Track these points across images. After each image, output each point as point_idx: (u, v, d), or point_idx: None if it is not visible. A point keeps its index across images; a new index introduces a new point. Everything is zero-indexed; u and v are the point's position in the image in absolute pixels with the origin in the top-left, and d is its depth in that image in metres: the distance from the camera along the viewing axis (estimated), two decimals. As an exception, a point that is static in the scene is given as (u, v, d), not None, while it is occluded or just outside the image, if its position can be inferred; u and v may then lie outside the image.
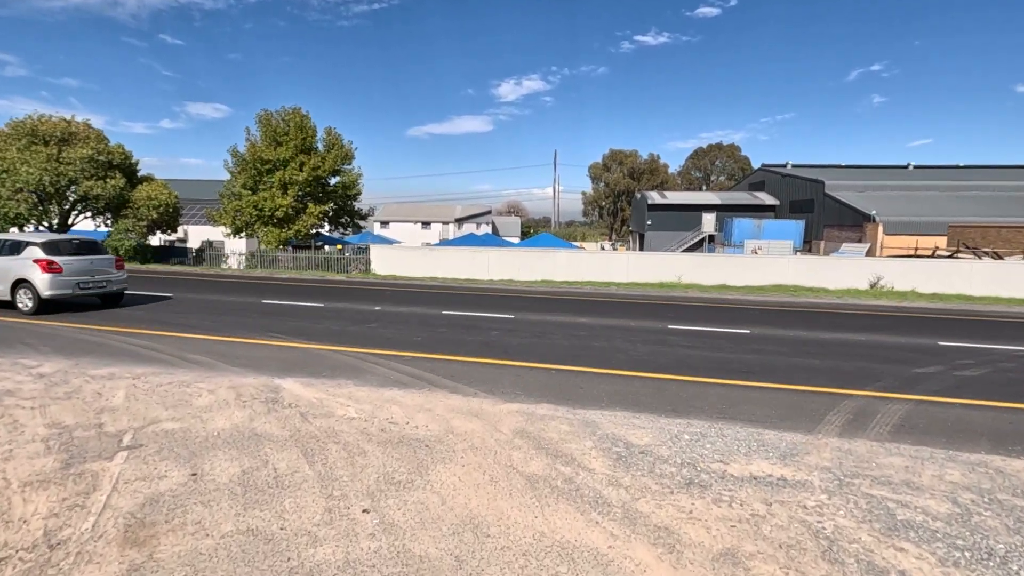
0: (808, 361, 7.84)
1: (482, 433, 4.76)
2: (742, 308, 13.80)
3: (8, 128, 23.61)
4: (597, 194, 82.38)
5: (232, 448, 4.34)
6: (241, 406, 5.41)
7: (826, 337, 9.73)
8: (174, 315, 10.62)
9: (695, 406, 5.70)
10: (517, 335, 9.28)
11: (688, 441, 4.67)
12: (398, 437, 4.64)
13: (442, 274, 21.83)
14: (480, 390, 6.13)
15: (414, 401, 5.64)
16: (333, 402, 5.58)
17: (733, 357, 7.96)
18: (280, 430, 4.76)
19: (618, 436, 4.75)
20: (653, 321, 11.09)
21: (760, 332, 10.09)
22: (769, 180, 54.12)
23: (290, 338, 8.64)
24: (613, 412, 5.45)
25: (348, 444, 4.47)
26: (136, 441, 4.48)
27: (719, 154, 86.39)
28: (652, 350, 8.28)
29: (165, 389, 5.92)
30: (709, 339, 9.27)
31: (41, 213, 23.89)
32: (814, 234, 44.22)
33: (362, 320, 10.51)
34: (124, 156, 26.17)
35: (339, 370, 6.85)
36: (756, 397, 6.07)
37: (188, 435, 4.63)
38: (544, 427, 4.95)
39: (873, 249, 36.69)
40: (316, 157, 26.95)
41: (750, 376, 6.93)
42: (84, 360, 7.08)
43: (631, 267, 20.78)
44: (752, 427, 5.11)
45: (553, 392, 6.11)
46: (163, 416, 5.11)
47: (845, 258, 21.15)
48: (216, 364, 7.00)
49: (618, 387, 6.36)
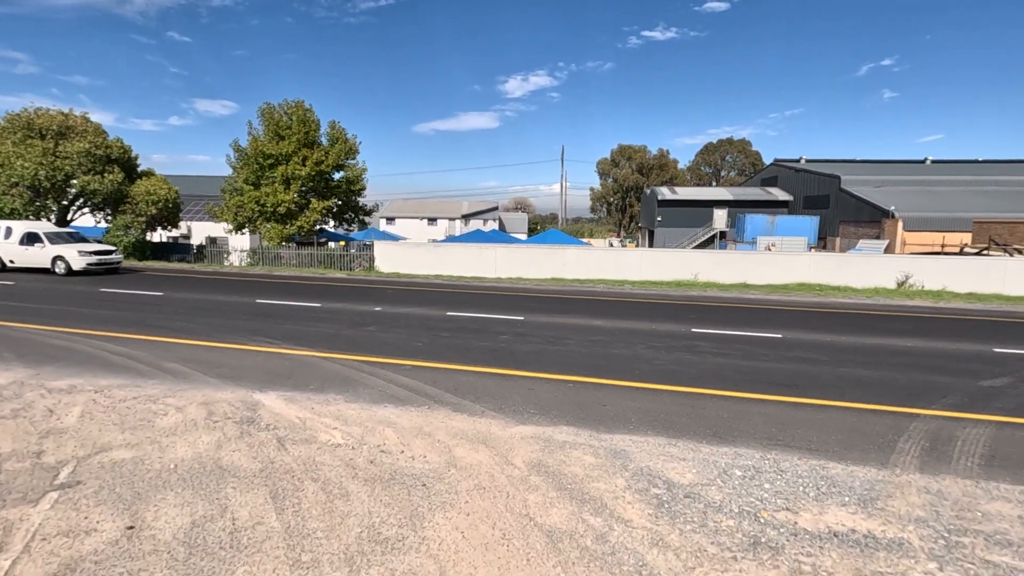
0: (856, 372, 6.98)
1: (491, 467, 3.96)
2: (768, 309, 12.91)
3: (4, 121, 23.01)
4: (605, 190, 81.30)
5: (187, 488, 3.57)
6: (210, 428, 4.64)
7: (868, 342, 8.85)
8: (159, 316, 9.90)
9: (739, 429, 4.87)
10: (528, 340, 8.47)
11: (741, 479, 3.85)
12: (390, 472, 3.85)
13: (448, 271, 21.05)
14: (488, 408, 5.33)
15: (411, 422, 4.85)
16: (318, 423, 4.80)
17: (770, 367, 7.11)
18: (250, 461, 3.99)
19: (655, 472, 3.93)
20: (675, 324, 10.24)
21: (794, 336, 9.22)
22: (782, 175, 52.89)
23: (279, 343, 7.88)
24: (644, 437, 4.63)
25: (329, 482, 3.68)
26: (74, 477, 3.72)
27: (730, 149, 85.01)
28: (679, 358, 7.44)
29: (128, 406, 5.17)
30: (740, 345, 8.41)
31: (38, 208, 23.30)
32: (829, 230, 43.05)
33: (360, 323, 9.73)
34: (123, 150, 25.53)
35: (329, 382, 6.07)
36: (807, 418, 5.23)
37: (139, 468, 3.86)
38: (565, 458, 4.14)
39: (892, 246, 35.54)
40: (319, 151, 26.22)
41: (794, 390, 6.08)
42: (47, 369, 6.35)
43: (645, 264, 19.89)
44: (812, 458, 4.28)
45: (572, 411, 5.30)
46: (117, 441, 4.35)
47: (870, 255, 20.15)
48: (192, 374, 6.24)
49: (646, 404, 5.54)
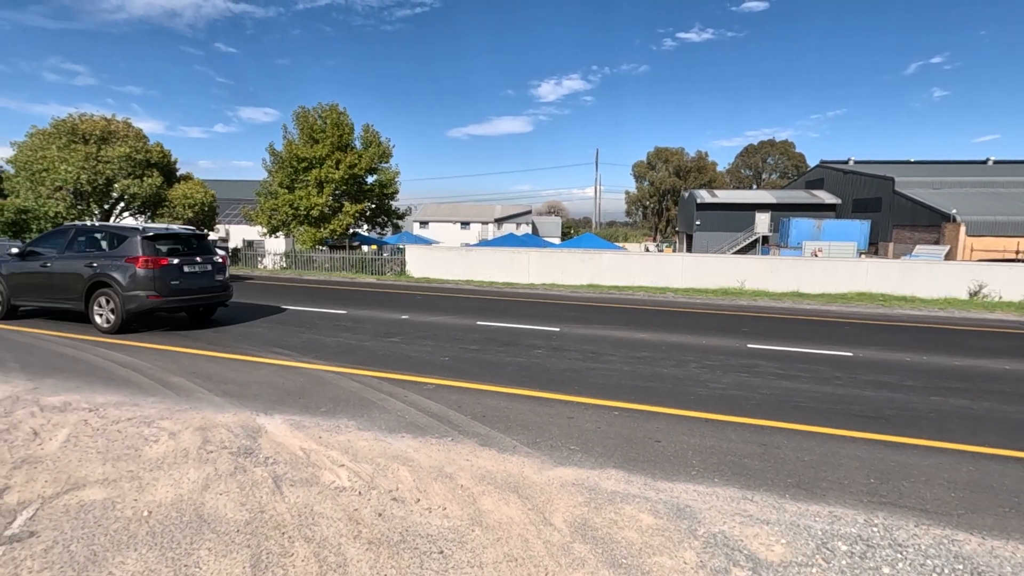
0: (953, 401, 5.93)
1: (524, 527, 3.20)
2: (829, 322, 11.75)
3: (51, 127, 23.60)
4: (641, 193, 79.67)
5: (154, 547, 2.92)
6: (202, 460, 4.03)
7: (957, 364, 7.71)
8: (177, 321, 9.51)
9: (829, 479, 3.97)
10: (564, 355, 7.67)
11: (849, 558, 2.97)
12: (400, 531, 3.13)
13: (479, 277, 20.41)
14: (520, 442, 4.56)
15: (431, 459, 4.12)
16: (323, 457, 4.13)
17: (849, 393, 6.12)
18: (237, 509, 3.33)
19: (733, 541, 3.09)
20: (728, 338, 9.27)
21: (867, 355, 8.14)
22: (828, 177, 50.46)
23: (295, 355, 7.31)
24: (712, 488, 3.78)
25: (325, 544, 2.98)
26: (31, 526, 3.13)
27: (771, 151, 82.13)
28: (739, 380, 6.52)
29: (119, 429, 4.62)
30: (806, 364, 7.42)
31: (80, 212, 23.79)
32: (881, 235, 40.67)
33: (384, 332, 9.12)
34: (163, 155, 25.90)
35: (342, 404, 5.41)
36: (911, 464, 4.27)
37: (108, 514, 3.25)
38: (616, 516, 3.34)
39: (954, 252, 33.17)
40: (353, 155, 26.04)
41: (885, 425, 5.11)
42: (47, 382, 5.91)
43: (687, 270, 18.79)
44: (934, 525, 3.35)
45: (620, 447, 4.49)
46: (94, 476, 3.77)
47: (935, 262, 18.53)
48: (196, 391, 5.69)
49: (708, 440, 4.67)
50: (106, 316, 8.47)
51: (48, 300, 9.11)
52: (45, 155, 22.33)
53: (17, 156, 23.15)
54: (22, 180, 22.75)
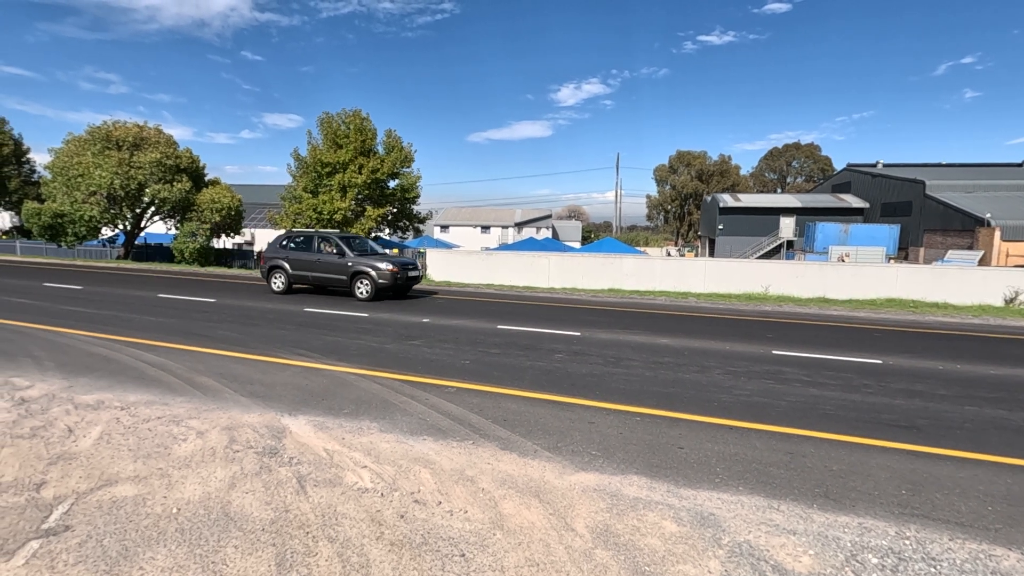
0: (989, 412, 5.73)
1: (545, 532, 3.18)
2: (857, 328, 11.48)
3: (86, 134, 24.41)
4: (663, 197, 79.03)
5: (182, 543, 2.99)
6: (228, 460, 4.10)
7: (993, 373, 7.46)
8: (205, 324, 9.73)
9: (858, 489, 3.87)
10: (586, 360, 7.64)
11: (878, 570, 2.89)
12: (422, 534, 3.14)
13: (499, 280, 20.44)
14: (541, 446, 4.55)
15: (452, 463, 4.14)
16: (346, 458, 4.18)
17: (878, 402, 5.97)
18: (262, 508, 3.38)
19: (759, 550, 3.03)
20: (752, 344, 9.12)
21: (897, 363, 7.93)
22: (856, 181, 49.40)
23: (319, 357, 7.41)
24: (737, 496, 3.72)
25: (348, 544, 3.01)
26: (66, 520, 3.22)
27: (796, 154, 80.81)
28: (764, 387, 6.41)
29: (149, 427, 4.74)
30: (833, 372, 7.26)
31: (113, 216, 24.52)
32: (912, 240, 39.62)
33: (406, 336, 9.19)
34: (191, 160, 26.59)
35: (364, 406, 5.47)
36: (945, 475, 4.14)
37: (139, 510, 3.33)
38: (639, 524, 3.31)
39: (988, 257, 32.14)
40: (375, 160, 26.38)
41: (917, 435, 4.96)
42: (81, 380, 6.09)
43: (709, 275, 18.56)
44: (969, 539, 3.24)
45: (642, 453, 4.44)
46: (126, 472, 3.87)
47: (969, 268, 17.99)
48: (223, 392, 5.80)
49: (732, 447, 4.60)
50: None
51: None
52: (81, 161, 23.10)
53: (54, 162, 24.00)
54: (59, 185, 23.56)
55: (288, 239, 15.04)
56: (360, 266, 13.71)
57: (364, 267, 13.65)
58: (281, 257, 14.65)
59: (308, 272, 14.35)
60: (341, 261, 13.94)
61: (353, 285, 13.76)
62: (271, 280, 14.81)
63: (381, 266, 13.57)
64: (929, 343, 9.80)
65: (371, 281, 13.50)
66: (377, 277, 13.46)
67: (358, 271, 13.69)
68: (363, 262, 13.75)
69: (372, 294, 13.48)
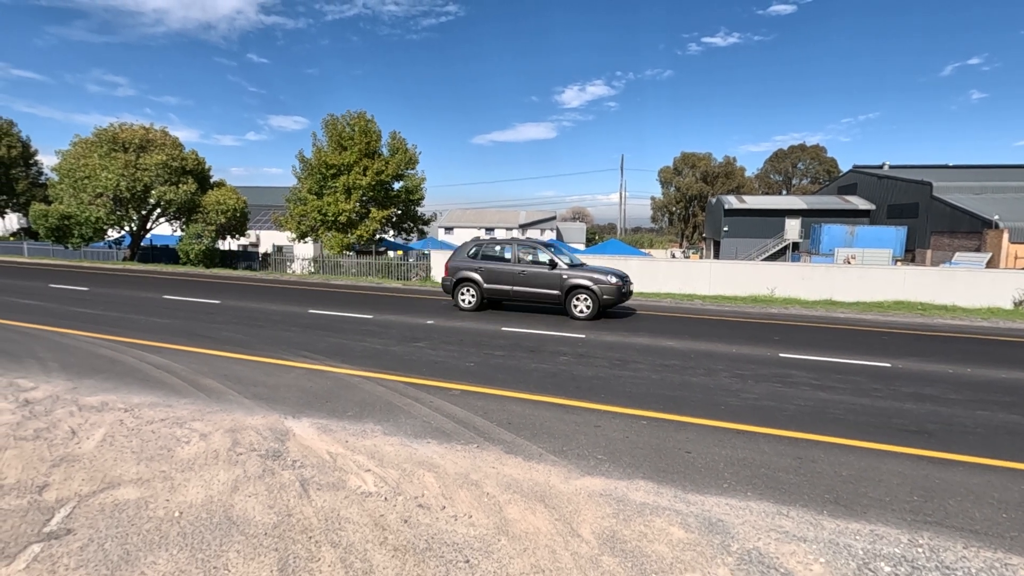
0: (1001, 416, 5.65)
1: (551, 537, 3.14)
2: (865, 331, 11.38)
3: (93, 136, 24.54)
4: (667, 199, 78.85)
5: (184, 548, 2.96)
6: (232, 462, 4.08)
7: (1004, 377, 7.37)
8: (209, 326, 9.73)
9: (869, 496, 3.80)
10: (591, 363, 7.58)
11: (893, 579, 2.83)
12: (426, 538, 3.10)
13: (504, 282, 20.37)
14: (546, 449, 4.50)
15: (456, 466, 4.10)
16: (350, 461, 4.14)
17: (888, 406, 5.89)
18: (265, 512, 3.35)
19: (768, 558, 2.98)
20: (759, 347, 9.04)
21: (907, 366, 7.84)
22: (862, 183, 49.11)
23: (323, 359, 7.39)
24: (745, 502, 3.66)
25: (351, 549, 2.98)
26: (68, 523, 3.20)
27: (802, 155, 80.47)
28: (771, 391, 6.34)
29: (153, 429, 4.72)
30: (842, 375, 7.18)
31: (119, 217, 24.62)
32: (919, 242, 39.37)
33: (410, 337, 9.16)
34: (197, 162, 26.69)
35: (368, 408, 5.44)
36: (958, 482, 4.07)
37: (141, 514, 3.31)
38: (645, 529, 3.26)
39: (996, 259, 31.89)
40: (380, 161, 26.43)
41: (928, 440, 4.89)
42: (86, 382, 6.09)
43: (715, 277, 18.47)
44: (984, 547, 3.17)
45: (648, 458, 4.39)
46: (128, 475, 3.85)
47: (978, 270, 17.84)
48: (227, 394, 5.79)
49: (740, 452, 4.54)
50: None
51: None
52: (87, 163, 23.22)
53: (61, 164, 24.13)
54: (65, 187, 23.68)
55: (478, 247, 12.96)
56: (577, 279, 11.63)
57: (583, 280, 11.58)
58: (472, 268, 12.57)
59: (508, 286, 12.22)
60: (552, 273, 11.86)
61: (568, 302, 11.67)
62: (458, 295, 12.73)
63: (606, 279, 11.54)
64: (938, 346, 9.70)
65: (593, 297, 11.44)
66: (601, 292, 11.42)
67: (577, 285, 11.59)
68: (581, 275, 11.71)
69: (594, 312, 11.44)
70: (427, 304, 14.01)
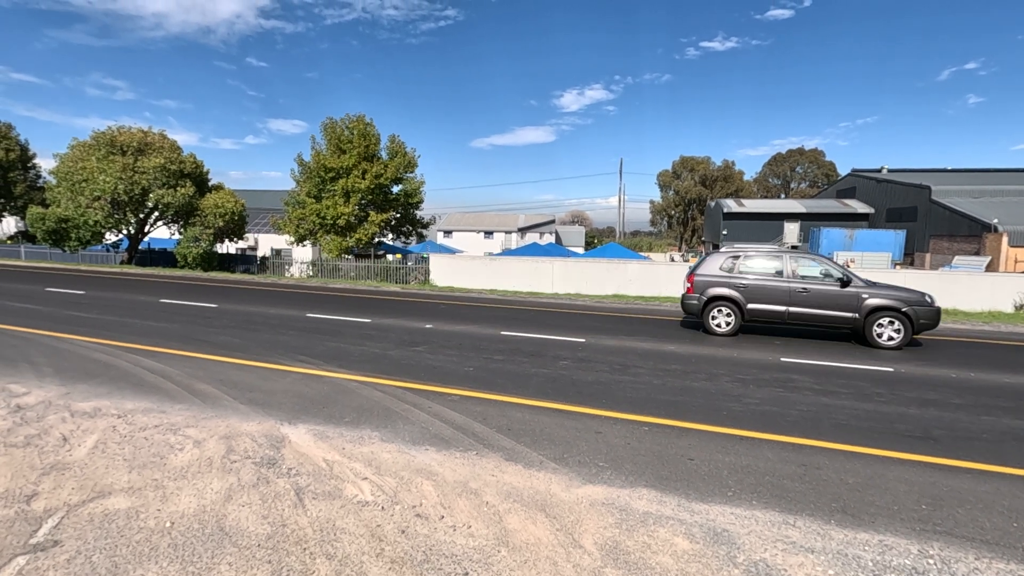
0: (1006, 422, 5.58)
1: (552, 549, 3.05)
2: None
3: (91, 139, 24.47)
4: (666, 203, 78.90)
5: (175, 560, 2.87)
6: (225, 470, 3.99)
7: (1007, 381, 7.30)
8: (206, 330, 9.64)
9: (876, 504, 3.72)
10: (591, 367, 7.51)
11: (904, 592, 2.75)
12: (424, 551, 3.02)
13: (503, 286, 20.34)
14: (547, 456, 4.42)
15: (455, 474, 4.01)
16: (347, 469, 4.06)
17: (892, 411, 5.82)
18: (258, 522, 3.27)
19: (776, 571, 2.90)
20: (760, 351, 8.97)
21: (909, 370, 7.77)
22: (861, 186, 49.17)
23: (321, 364, 7.30)
24: (751, 511, 3.58)
25: (347, 562, 2.89)
26: (55, 535, 3.11)
27: (800, 159, 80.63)
28: (774, 396, 6.27)
29: (146, 436, 4.63)
30: (844, 380, 7.11)
31: (117, 221, 24.53)
32: (918, 246, 39.37)
33: (409, 342, 9.08)
34: (195, 165, 26.62)
35: (366, 414, 5.35)
36: (966, 489, 3.99)
37: (131, 524, 3.22)
38: (649, 540, 3.18)
39: (995, 263, 31.88)
40: (379, 165, 26.38)
41: (934, 447, 4.82)
42: (79, 387, 6.00)
43: (714, 281, 18.37)
44: (996, 558, 3.10)
45: (651, 465, 4.31)
46: (120, 484, 3.76)
47: (976, 274, 17.80)
48: (222, 399, 5.70)
49: (744, 458, 4.46)
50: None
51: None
52: (85, 166, 23.14)
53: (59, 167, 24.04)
54: (63, 190, 23.59)
55: (734, 258, 10.70)
56: (882, 299, 9.65)
57: (892, 301, 9.59)
58: (729, 284, 10.50)
59: (782, 306, 10.15)
60: (844, 292, 9.85)
61: (869, 327, 9.67)
62: (709, 317, 10.58)
63: (923, 299, 9.68)
64: (941, 350, 9.63)
65: (906, 322, 9.49)
66: (916, 317, 9.52)
67: (882, 307, 9.62)
68: (885, 294, 9.72)
69: (906, 340, 9.52)
70: (425, 308, 13.94)
